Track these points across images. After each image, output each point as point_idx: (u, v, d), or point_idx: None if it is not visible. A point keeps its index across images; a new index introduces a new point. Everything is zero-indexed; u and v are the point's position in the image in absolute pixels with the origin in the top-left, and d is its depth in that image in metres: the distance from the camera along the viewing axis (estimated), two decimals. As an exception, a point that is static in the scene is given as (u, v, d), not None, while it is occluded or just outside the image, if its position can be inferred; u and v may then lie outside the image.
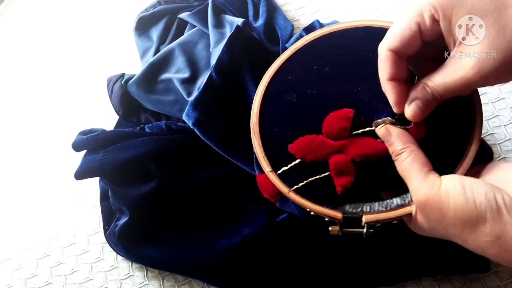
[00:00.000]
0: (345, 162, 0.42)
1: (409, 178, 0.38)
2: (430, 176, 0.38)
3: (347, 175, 0.43)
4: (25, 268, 0.61)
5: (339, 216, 0.43)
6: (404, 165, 0.39)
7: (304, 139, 0.44)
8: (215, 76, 0.57)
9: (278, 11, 0.69)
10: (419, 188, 0.37)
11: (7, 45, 0.79)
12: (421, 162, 0.38)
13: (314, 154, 0.43)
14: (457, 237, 0.36)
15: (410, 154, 0.39)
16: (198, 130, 0.56)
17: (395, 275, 0.55)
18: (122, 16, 0.77)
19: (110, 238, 0.60)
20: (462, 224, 0.35)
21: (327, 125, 0.43)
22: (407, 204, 0.41)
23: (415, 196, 0.38)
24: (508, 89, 0.63)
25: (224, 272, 0.56)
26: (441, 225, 0.36)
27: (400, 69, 0.39)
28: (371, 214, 0.42)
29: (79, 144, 0.59)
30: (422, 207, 0.37)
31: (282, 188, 0.44)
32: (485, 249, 0.35)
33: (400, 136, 0.40)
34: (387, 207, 0.42)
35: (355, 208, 0.43)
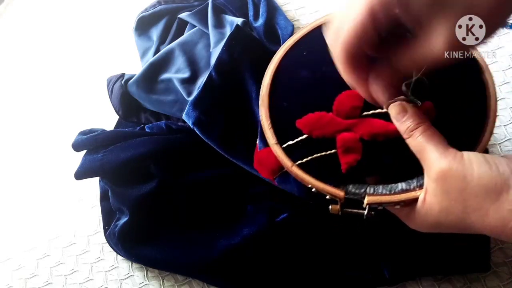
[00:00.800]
0: (353, 139, 0.41)
1: (427, 151, 0.37)
2: (450, 149, 0.36)
3: (353, 153, 0.41)
4: (25, 268, 0.61)
5: (341, 195, 0.41)
6: (421, 139, 0.37)
7: (313, 115, 0.42)
8: (215, 75, 0.57)
9: (279, 11, 0.69)
10: (440, 159, 0.35)
11: (7, 45, 0.79)
12: (440, 138, 0.37)
13: (321, 130, 0.42)
14: (477, 212, 0.34)
15: (428, 129, 0.38)
16: (198, 129, 0.56)
17: (395, 275, 0.55)
18: (122, 16, 0.77)
19: (110, 238, 0.60)
20: (486, 192, 0.34)
21: (338, 103, 0.42)
22: (412, 189, 0.40)
23: (436, 167, 0.36)
24: (508, 90, 0.63)
25: (224, 272, 0.56)
26: (461, 197, 0.35)
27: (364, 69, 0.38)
28: (373, 195, 0.41)
29: (79, 144, 0.59)
30: (443, 177, 0.35)
31: (286, 162, 0.43)
32: (507, 220, 0.33)
33: (416, 113, 0.38)
34: (391, 191, 0.40)
35: (358, 189, 0.41)
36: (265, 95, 0.45)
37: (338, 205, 0.42)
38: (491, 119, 0.42)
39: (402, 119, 0.39)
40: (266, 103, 0.45)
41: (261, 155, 0.49)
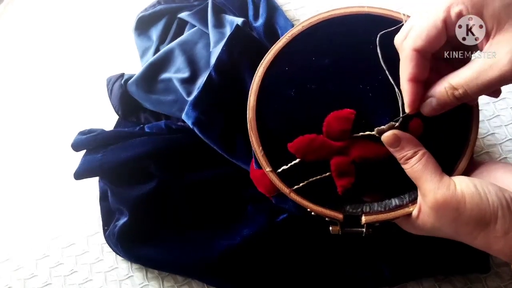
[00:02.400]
0: (346, 163, 0.42)
1: (423, 180, 0.39)
2: (444, 178, 0.38)
3: (348, 176, 0.42)
4: (25, 268, 0.61)
5: (340, 217, 0.43)
6: (417, 168, 0.39)
7: (304, 139, 0.42)
8: (215, 75, 0.57)
9: (279, 11, 0.69)
10: (436, 190, 0.38)
11: (7, 45, 0.79)
12: (434, 165, 0.39)
13: (315, 155, 0.42)
14: (466, 235, 0.38)
15: (423, 157, 0.39)
16: (197, 129, 0.56)
17: (396, 276, 0.55)
18: (122, 16, 0.77)
19: (109, 238, 0.59)
20: (476, 222, 0.36)
21: (327, 125, 0.42)
22: (405, 205, 0.42)
23: (431, 197, 0.38)
24: (509, 89, 0.63)
25: (224, 272, 0.56)
26: (454, 224, 0.37)
27: (422, 69, 0.38)
28: (370, 214, 0.42)
29: (79, 144, 0.59)
30: (437, 208, 0.38)
31: (283, 188, 0.44)
32: (491, 245, 0.37)
33: (410, 141, 0.40)
34: (386, 207, 0.42)
35: (355, 208, 0.43)
36: (252, 119, 0.44)
37: (338, 226, 0.44)
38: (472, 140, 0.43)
39: (397, 148, 0.40)
40: (254, 128, 0.44)
41: (257, 175, 0.50)
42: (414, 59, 0.38)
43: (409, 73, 0.38)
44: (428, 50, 0.38)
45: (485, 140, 0.61)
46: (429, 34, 0.36)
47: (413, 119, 0.41)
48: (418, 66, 0.38)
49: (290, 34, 0.45)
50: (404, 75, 0.39)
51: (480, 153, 0.61)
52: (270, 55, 0.45)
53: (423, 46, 0.37)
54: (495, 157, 0.60)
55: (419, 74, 0.38)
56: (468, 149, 0.43)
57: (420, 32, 0.37)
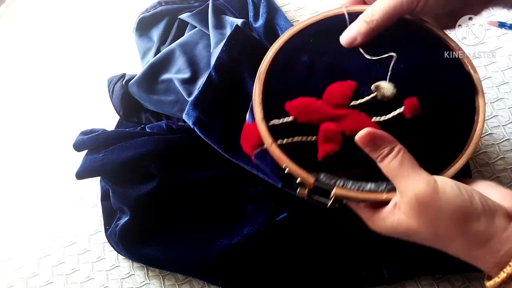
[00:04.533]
0: (334, 131, 0.42)
1: (400, 176, 0.38)
2: (422, 173, 0.37)
3: (332, 143, 0.42)
4: (26, 267, 0.62)
5: (311, 181, 0.42)
6: (394, 165, 0.38)
7: (303, 100, 0.43)
8: (215, 75, 0.57)
9: (279, 11, 0.69)
10: (414, 186, 0.36)
11: (9, 46, 0.79)
12: (411, 160, 0.38)
13: (308, 116, 0.42)
14: (445, 238, 0.36)
15: (399, 153, 0.38)
16: (198, 129, 0.56)
17: (395, 275, 0.55)
18: (123, 17, 0.77)
19: (111, 237, 0.60)
20: (457, 224, 0.35)
21: (329, 91, 0.43)
22: (379, 191, 0.41)
23: (410, 194, 0.36)
24: (507, 90, 0.64)
25: (224, 271, 0.56)
26: (433, 224, 0.36)
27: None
28: (342, 188, 0.42)
29: (80, 144, 0.60)
30: (417, 205, 0.36)
31: (267, 139, 0.43)
32: (472, 249, 0.35)
33: (385, 137, 0.39)
34: (360, 188, 0.41)
35: (329, 179, 0.42)
36: (263, 72, 0.45)
37: (306, 190, 0.43)
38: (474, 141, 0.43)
39: (372, 147, 0.39)
40: (262, 80, 0.45)
41: (247, 129, 0.49)
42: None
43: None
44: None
45: (483, 140, 0.61)
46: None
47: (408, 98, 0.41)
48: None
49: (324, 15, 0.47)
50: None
51: (478, 152, 0.61)
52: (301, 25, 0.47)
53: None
54: (492, 157, 0.61)
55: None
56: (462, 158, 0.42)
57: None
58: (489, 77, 0.65)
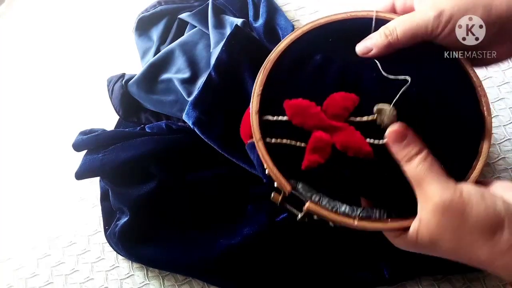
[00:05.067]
0: (325, 141, 0.40)
1: (428, 181, 0.36)
2: (450, 181, 0.36)
3: (320, 154, 0.40)
4: (26, 267, 0.62)
5: (288, 189, 0.40)
6: (422, 168, 0.37)
7: (302, 101, 0.41)
8: (215, 75, 0.57)
9: (279, 11, 0.69)
10: (442, 191, 0.35)
11: (8, 46, 0.79)
12: (439, 167, 0.37)
13: (303, 119, 0.41)
14: (468, 247, 0.35)
15: (428, 157, 0.37)
16: (198, 129, 0.56)
17: (395, 275, 0.55)
18: (123, 16, 0.77)
19: (110, 238, 0.60)
20: (482, 231, 0.34)
21: (331, 99, 0.41)
22: (352, 216, 0.40)
23: (436, 199, 0.35)
24: (508, 90, 0.63)
25: (224, 272, 0.56)
26: (457, 232, 0.35)
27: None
28: (315, 204, 0.40)
29: (80, 144, 0.60)
30: (442, 211, 0.35)
31: (256, 133, 0.41)
32: (495, 258, 0.35)
33: (416, 138, 0.38)
34: (333, 209, 0.40)
35: (305, 191, 0.41)
36: (271, 60, 0.43)
37: (281, 196, 0.42)
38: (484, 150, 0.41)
39: (402, 144, 0.38)
40: (268, 69, 0.43)
41: (246, 115, 0.48)
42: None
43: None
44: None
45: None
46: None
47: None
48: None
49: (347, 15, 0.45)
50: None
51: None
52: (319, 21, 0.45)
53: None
54: (493, 157, 0.60)
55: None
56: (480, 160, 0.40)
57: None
58: (490, 77, 0.64)
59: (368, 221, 0.40)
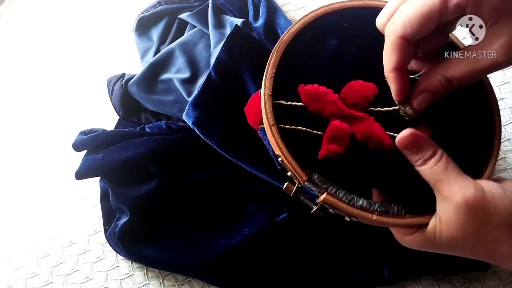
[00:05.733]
0: (344, 131, 0.39)
1: (446, 181, 0.35)
2: (468, 178, 0.36)
3: (338, 144, 0.38)
4: (26, 267, 0.62)
5: (304, 178, 0.38)
6: (438, 169, 0.36)
7: (319, 87, 0.39)
8: (214, 75, 0.57)
9: (279, 11, 0.69)
10: (464, 190, 0.34)
11: (8, 46, 0.79)
12: (455, 165, 0.36)
13: (320, 106, 0.39)
14: (491, 244, 0.35)
15: (442, 157, 0.36)
16: (198, 129, 0.56)
17: (395, 275, 0.55)
18: (123, 16, 0.77)
19: (110, 237, 0.60)
20: (506, 226, 0.34)
21: (349, 87, 0.40)
22: (370, 211, 0.38)
23: (459, 199, 0.34)
24: (508, 90, 0.63)
25: (224, 272, 0.56)
26: (481, 230, 0.34)
27: (408, 56, 0.36)
28: (332, 196, 0.38)
29: (80, 144, 0.60)
30: (467, 210, 0.34)
31: (269, 118, 0.39)
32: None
33: (427, 140, 0.37)
34: (350, 202, 0.38)
35: (321, 182, 0.38)
36: (285, 42, 0.41)
37: (295, 187, 0.40)
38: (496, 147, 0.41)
39: (413, 150, 0.37)
40: (281, 51, 0.41)
41: (254, 99, 0.46)
42: (401, 48, 0.36)
43: (395, 62, 0.36)
44: (417, 38, 0.36)
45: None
46: (422, 23, 0.34)
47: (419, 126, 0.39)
48: (405, 54, 0.36)
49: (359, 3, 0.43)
50: (390, 64, 0.37)
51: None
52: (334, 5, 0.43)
53: (413, 34, 0.35)
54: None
55: (405, 62, 0.37)
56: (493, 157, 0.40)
57: (411, 20, 0.34)
58: (490, 77, 0.63)
59: (386, 216, 0.38)
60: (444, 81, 0.36)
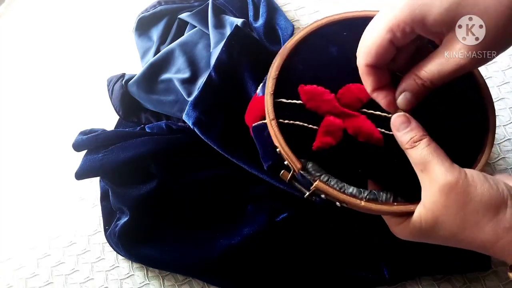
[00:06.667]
0: (337, 125, 0.42)
1: (432, 164, 0.38)
2: (454, 164, 0.38)
3: (331, 137, 0.42)
4: (26, 267, 0.62)
5: (298, 166, 0.42)
6: (426, 151, 0.38)
7: (316, 88, 0.43)
8: (215, 75, 0.57)
9: (279, 11, 0.69)
10: (446, 173, 0.37)
11: (8, 46, 0.79)
12: (442, 152, 0.38)
13: (317, 104, 0.43)
14: (473, 227, 0.36)
15: (431, 143, 0.39)
16: (198, 129, 0.56)
17: (395, 275, 0.55)
18: (123, 16, 0.77)
19: (110, 237, 0.60)
20: (486, 209, 0.36)
21: (346, 89, 0.43)
22: (359, 198, 0.41)
23: (441, 181, 0.37)
24: (508, 90, 0.63)
25: (224, 272, 0.56)
26: (462, 212, 0.36)
27: (381, 78, 0.40)
28: (324, 183, 0.42)
29: (80, 144, 0.60)
30: (448, 191, 0.36)
31: (270, 113, 0.43)
32: (499, 237, 0.35)
33: (419, 126, 0.40)
34: (341, 189, 0.42)
35: (315, 170, 0.42)
36: (289, 48, 0.45)
37: (290, 174, 0.44)
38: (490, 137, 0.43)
39: (406, 130, 0.40)
40: (284, 56, 0.45)
41: (254, 100, 0.49)
42: (371, 74, 0.39)
43: (371, 85, 0.40)
44: (381, 64, 0.39)
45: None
46: (378, 52, 0.38)
47: None
48: (377, 78, 0.39)
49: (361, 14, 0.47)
50: (368, 88, 0.40)
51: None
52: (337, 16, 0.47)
53: (375, 62, 0.38)
54: (493, 157, 0.60)
55: (380, 83, 0.40)
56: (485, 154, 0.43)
57: (369, 50, 0.38)
58: (490, 77, 0.65)
59: (374, 203, 0.41)
60: (418, 80, 0.38)
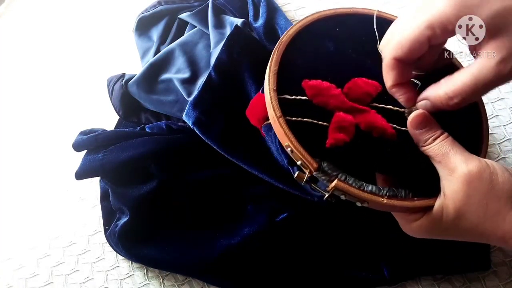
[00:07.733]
0: (349, 121, 0.41)
1: (453, 154, 0.38)
2: (473, 155, 0.38)
3: (344, 133, 0.40)
4: (26, 267, 0.62)
5: (314, 166, 0.39)
6: (446, 144, 0.39)
7: (322, 83, 0.42)
8: (215, 75, 0.57)
9: (279, 11, 0.69)
10: (467, 162, 0.37)
11: (8, 46, 0.79)
12: (460, 145, 0.39)
13: (325, 99, 0.41)
14: (495, 216, 0.36)
15: (449, 137, 0.39)
16: (198, 129, 0.56)
17: (395, 275, 0.55)
18: (123, 16, 0.77)
19: (110, 237, 0.60)
20: (508, 197, 0.36)
21: (353, 83, 0.42)
22: (380, 195, 0.40)
23: (462, 170, 0.37)
24: (508, 89, 0.63)
25: (224, 272, 0.56)
26: (485, 200, 0.36)
27: (404, 74, 0.39)
28: (343, 182, 0.40)
29: (80, 144, 0.59)
30: (471, 179, 0.36)
31: (276, 111, 0.41)
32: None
33: (437, 124, 0.40)
34: (361, 187, 0.40)
35: (331, 170, 0.40)
36: (284, 42, 0.44)
37: (306, 175, 0.41)
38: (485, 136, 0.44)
39: (424, 129, 0.40)
40: (282, 50, 0.43)
41: (256, 99, 0.48)
42: (396, 68, 0.39)
43: (392, 80, 0.40)
44: (409, 60, 0.38)
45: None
46: (412, 47, 0.37)
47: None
48: (400, 73, 0.39)
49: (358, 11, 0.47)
50: (388, 82, 0.40)
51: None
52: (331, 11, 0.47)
53: (404, 56, 0.38)
54: (493, 157, 0.60)
55: (402, 79, 0.39)
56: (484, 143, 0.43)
57: (402, 44, 0.37)
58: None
59: (396, 200, 0.40)
60: (445, 96, 0.38)
